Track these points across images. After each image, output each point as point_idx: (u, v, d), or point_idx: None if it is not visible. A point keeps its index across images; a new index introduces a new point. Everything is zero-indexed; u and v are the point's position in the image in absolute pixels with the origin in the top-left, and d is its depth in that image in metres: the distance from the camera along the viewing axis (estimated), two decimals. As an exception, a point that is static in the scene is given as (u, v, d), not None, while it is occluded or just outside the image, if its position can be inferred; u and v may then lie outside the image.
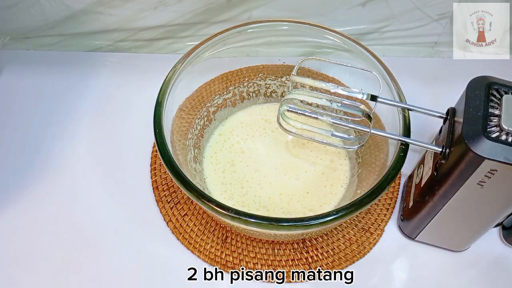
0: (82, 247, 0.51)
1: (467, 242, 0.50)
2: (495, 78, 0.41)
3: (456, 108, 0.43)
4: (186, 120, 0.54)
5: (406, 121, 0.46)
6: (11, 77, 0.67)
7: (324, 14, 0.65)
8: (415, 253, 0.52)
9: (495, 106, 0.38)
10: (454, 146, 0.40)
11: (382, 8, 0.63)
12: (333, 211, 0.41)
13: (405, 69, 0.63)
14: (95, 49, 0.70)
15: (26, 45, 0.70)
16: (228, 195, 0.53)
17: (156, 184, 0.56)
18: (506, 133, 0.36)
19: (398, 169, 0.43)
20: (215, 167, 0.55)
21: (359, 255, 0.51)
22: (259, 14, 0.64)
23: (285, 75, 0.59)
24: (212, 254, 0.51)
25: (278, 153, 0.56)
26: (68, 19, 0.65)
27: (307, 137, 0.50)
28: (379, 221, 0.54)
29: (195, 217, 0.54)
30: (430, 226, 0.48)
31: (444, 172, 0.41)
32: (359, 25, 0.66)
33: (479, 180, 0.38)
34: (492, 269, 0.51)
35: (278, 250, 0.51)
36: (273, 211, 0.52)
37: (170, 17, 0.65)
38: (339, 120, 0.47)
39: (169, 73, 0.49)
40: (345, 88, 0.46)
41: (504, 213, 0.43)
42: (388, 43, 0.69)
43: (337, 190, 0.53)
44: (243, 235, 0.52)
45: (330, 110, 0.51)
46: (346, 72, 0.56)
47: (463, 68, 0.66)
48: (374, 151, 0.52)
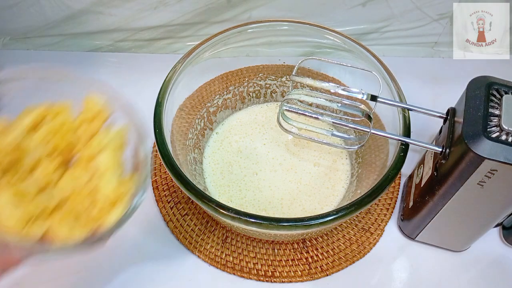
0: (82, 247, 0.51)
1: (467, 242, 0.50)
2: (495, 78, 0.41)
3: (456, 108, 0.43)
4: (186, 120, 0.54)
5: (406, 121, 0.46)
6: (11, 77, 0.67)
7: (324, 14, 0.65)
8: (415, 253, 0.52)
9: (495, 106, 0.38)
10: (454, 146, 0.40)
11: (382, 8, 0.63)
12: (333, 211, 0.41)
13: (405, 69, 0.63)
14: (95, 49, 0.70)
15: (26, 45, 0.70)
16: (227, 197, 0.53)
17: (156, 184, 0.56)
18: (506, 133, 0.36)
19: (398, 169, 0.43)
20: (213, 168, 0.55)
21: (359, 255, 0.51)
22: (259, 14, 0.64)
23: (285, 75, 0.59)
24: (212, 254, 0.51)
25: (278, 153, 0.56)
26: (68, 19, 0.65)
27: (307, 137, 0.50)
28: (379, 221, 0.54)
29: (195, 217, 0.54)
30: (430, 226, 0.48)
31: (444, 172, 0.41)
32: (359, 25, 0.67)
33: (479, 180, 0.38)
34: (492, 269, 0.51)
35: (278, 250, 0.51)
36: (273, 214, 0.51)
37: (170, 17, 0.65)
38: (339, 120, 0.47)
39: (169, 73, 0.49)
40: (345, 88, 0.46)
41: (504, 213, 0.43)
42: (388, 43, 0.69)
43: (338, 191, 0.53)
44: (243, 235, 0.52)
45: (330, 110, 0.51)
46: (346, 72, 0.56)
47: (463, 68, 0.66)
48: (374, 151, 0.52)
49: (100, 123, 0.32)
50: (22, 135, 0.29)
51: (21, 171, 0.29)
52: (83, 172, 0.30)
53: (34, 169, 0.29)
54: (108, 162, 0.30)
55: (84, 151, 0.31)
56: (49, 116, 0.31)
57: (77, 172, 0.30)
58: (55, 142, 0.30)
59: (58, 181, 0.30)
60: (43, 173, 0.29)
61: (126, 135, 0.32)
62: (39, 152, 0.30)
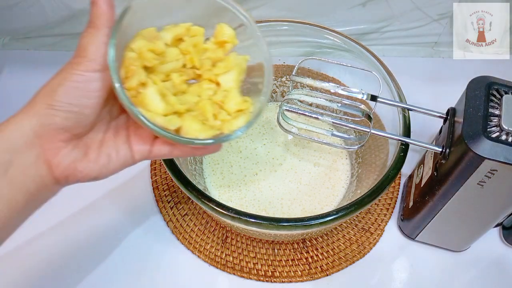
0: (82, 247, 0.51)
1: (467, 242, 0.50)
2: (495, 78, 0.41)
3: (456, 108, 0.43)
4: (186, 120, 0.54)
5: (406, 121, 0.46)
6: (11, 77, 0.67)
7: (324, 14, 0.65)
8: (415, 253, 0.52)
9: (495, 106, 0.38)
10: (454, 146, 0.40)
11: (382, 8, 0.63)
12: (333, 211, 0.41)
13: (405, 69, 0.63)
14: (95, 49, 0.70)
15: (26, 45, 0.70)
16: (227, 197, 0.53)
17: (156, 184, 0.56)
18: (506, 133, 0.36)
19: (398, 169, 0.43)
20: (213, 168, 0.55)
21: (359, 255, 0.51)
22: (259, 14, 0.64)
23: (285, 75, 0.59)
24: (212, 254, 0.51)
25: (278, 153, 0.56)
26: (68, 19, 0.65)
27: (307, 137, 0.50)
28: (379, 221, 0.54)
29: (195, 217, 0.54)
30: (430, 226, 0.48)
31: (444, 172, 0.41)
32: (359, 25, 0.67)
33: (479, 180, 0.38)
34: (492, 269, 0.51)
35: (278, 250, 0.51)
36: (273, 214, 0.51)
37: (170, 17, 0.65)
38: (339, 120, 0.47)
39: (169, 73, 0.49)
40: (345, 88, 0.46)
41: (504, 213, 0.43)
42: (388, 43, 0.69)
43: (338, 191, 0.53)
44: (243, 235, 0.52)
45: (330, 110, 0.51)
46: (346, 72, 0.56)
47: (463, 68, 0.66)
48: (374, 151, 0.52)
49: (226, 49, 0.37)
50: (165, 46, 0.34)
51: (160, 75, 0.34)
52: (209, 86, 0.36)
53: (168, 77, 0.35)
54: (233, 82, 0.36)
55: (212, 70, 0.36)
56: (186, 37, 0.36)
57: (204, 85, 0.36)
58: (187, 59, 0.36)
59: (186, 90, 0.36)
60: (174, 82, 0.35)
61: (246, 64, 0.37)
62: (172, 65, 0.35)
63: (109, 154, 0.33)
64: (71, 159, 0.31)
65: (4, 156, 0.29)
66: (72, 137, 0.31)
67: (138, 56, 0.32)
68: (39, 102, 0.30)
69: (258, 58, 0.37)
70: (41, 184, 0.30)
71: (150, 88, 0.32)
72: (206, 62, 0.36)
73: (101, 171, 0.32)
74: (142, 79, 0.32)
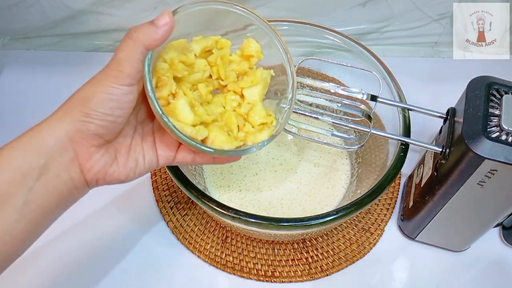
0: (82, 247, 0.51)
1: (467, 242, 0.50)
2: (495, 78, 0.41)
3: (456, 108, 0.43)
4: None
5: (406, 121, 0.46)
6: (11, 77, 0.67)
7: (324, 14, 0.65)
8: (415, 253, 0.52)
9: (495, 106, 0.38)
10: (454, 146, 0.40)
11: (382, 8, 0.63)
12: (333, 211, 0.41)
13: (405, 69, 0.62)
14: (95, 49, 0.70)
15: (26, 45, 0.70)
16: (227, 197, 0.53)
17: (156, 184, 0.56)
18: (506, 133, 0.36)
19: (398, 169, 0.43)
20: (213, 168, 0.55)
21: (359, 255, 0.51)
22: (259, 14, 0.64)
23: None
24: (212, 254, 0.51)
25: (278, 153, 0.56)
26: (68, 19, 0.65)
27: (307, 137, 0.50)
28: (379, 221, 0.54)
29: (195, 217, 0.54)
30: (430, 226, 0.48)
31: (444, 172, 0.41)
32: (359, 25, 0.66)
33: (479, 180, 0.38)
34: (492, 269, 0.51)
35: (278, 250, 0.51)
36: (273, 214, 0.51)
37: (170, 17, 0.65)
38: (339, 120, 0.47)
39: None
40: (345, 88, 0.46)
41: (504, 213, 0.43)
42: (388, 43, 0.69)
43: (338, 191, 0.53)
44: (243, 235, 0.52)
45: (330, 110, 0.51)
46: (346, 72, 0.56)
47: (463, 68, 0.66)
48: (374, 151, 0.52)
49: (251, 63, 0.38)
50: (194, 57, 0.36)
51: (187, 84, 0.36)
52: (234, 97, 0.38)
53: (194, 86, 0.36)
54: (258, 96, 0.38)
55: (238, 82, 0.38)
56: (214, 49, 0.37)
57: (228, 96, 0.38)
58: (213, 70, 0.37)
59: (211, 101, 0.37)
60: (200, 93, 0.36)
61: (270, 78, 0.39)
62: (199, 75, 0.36)
63: (137, 159, 0.35)
64: (103, 163, 0.32)
65: (39, 160, 0.30)
66: (103, 143, 0.32)
67: (170, 67, 0.34)
68: (75, 109, 0.31)
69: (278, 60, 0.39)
70: (73, 187, 0.32)
71: (181, 99, 0.34)
72: (231, 74, 0.38)
73: (129, 175, 0.34)
74: (173, 89, 0.34)
